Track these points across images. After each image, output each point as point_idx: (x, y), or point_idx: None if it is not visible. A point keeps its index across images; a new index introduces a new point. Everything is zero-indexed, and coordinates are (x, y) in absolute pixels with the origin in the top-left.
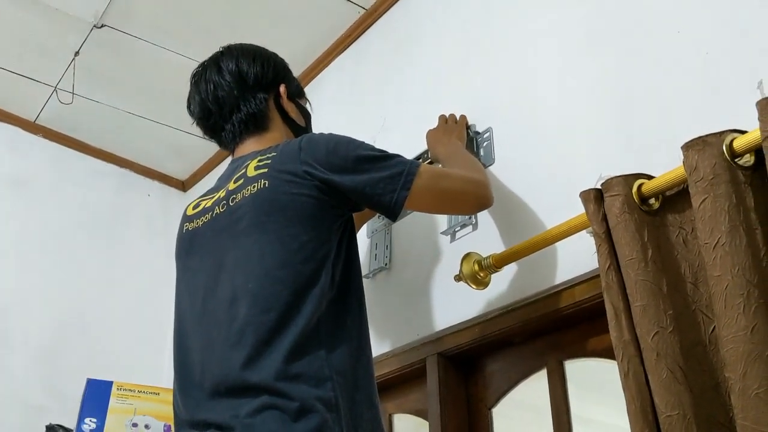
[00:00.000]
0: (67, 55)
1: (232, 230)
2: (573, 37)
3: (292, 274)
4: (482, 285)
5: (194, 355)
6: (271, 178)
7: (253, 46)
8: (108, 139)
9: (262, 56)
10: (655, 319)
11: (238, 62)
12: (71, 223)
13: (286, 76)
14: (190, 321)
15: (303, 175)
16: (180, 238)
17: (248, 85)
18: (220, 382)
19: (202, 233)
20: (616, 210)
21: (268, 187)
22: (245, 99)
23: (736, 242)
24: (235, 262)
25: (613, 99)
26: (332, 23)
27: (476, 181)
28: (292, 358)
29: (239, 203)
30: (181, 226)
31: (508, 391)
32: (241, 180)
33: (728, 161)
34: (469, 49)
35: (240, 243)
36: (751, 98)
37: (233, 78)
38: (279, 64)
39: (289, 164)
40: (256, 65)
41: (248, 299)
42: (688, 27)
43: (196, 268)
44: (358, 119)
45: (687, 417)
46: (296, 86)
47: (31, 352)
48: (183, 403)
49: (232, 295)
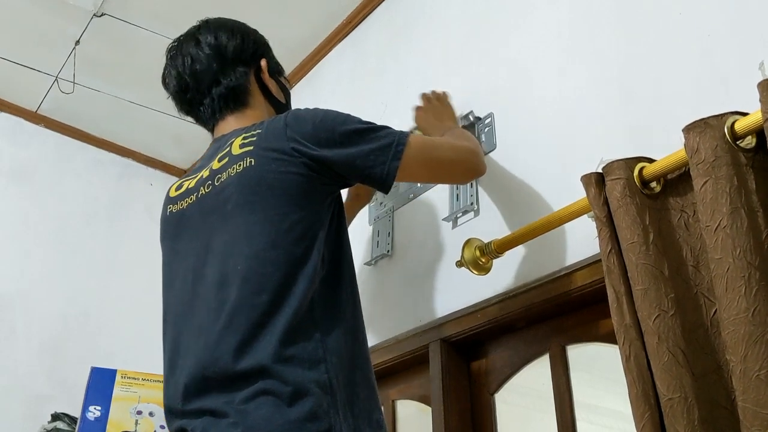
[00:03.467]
0: (68, 44)
1: (220, 211)
2: (573, 21)
3: (284, 255)
4: (484, 271)
5: (184, 341)
6: (258, 156)
7: (232, 20)
8: (110, 129)
9: (241, 30)
10: (657, 302)
11: (217, 35)
12: (73, 212)
13: (266, 52)
14: (179, 306)
15: (291, 152)
16: (164, 220)
17: (228, 58)
18: (213, 367)
19: (189, 215)
20: (618, 194)
21: (255, 165)
22: (224, 73)
23: (738, 225)
24: (223, 243)
25: (614, 82)
26: (331, 11)
27: (467, 149)
28: (288, 339)
29: (225, 183)
30: (165, 208)
31: (511, 376)
32: (226, 159)
33: (729, 143)
34: (469, 34)
35: (228, 224)
36: (752, 80)
37: (212, 51)
38: (259, 39)
39: (275, 142)
40: (236, 38)
41: (238, 282)
42: (689, 9)
43: (184, 251)
44: (358, 107)
45: (688, 400)
46: (276, 63)
47: (35, 342)
48: (174, 391)
49: (221, 278)
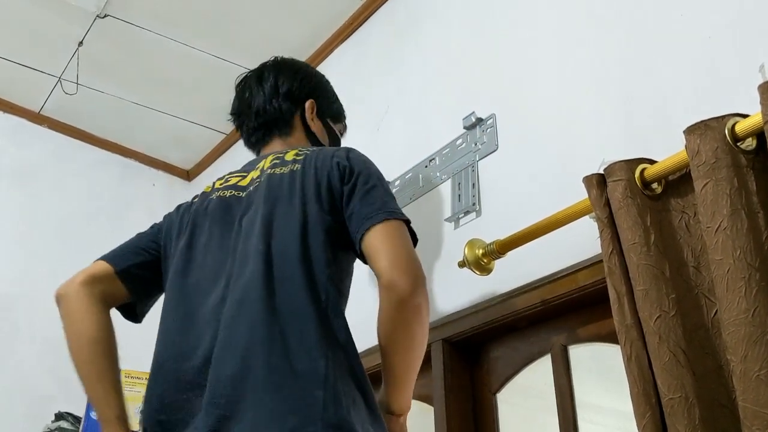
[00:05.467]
0: (71, 45)
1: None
2: (575, 23)
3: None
4: (486, 271)
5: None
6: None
7: (300, 63)
8: (112, 129)
9: (304, 73)
10: (658, 303)
11: (278, 75)
12: (76, 212)
13: (321, 95)
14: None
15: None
16: (209, 205)
17: (280, 93)
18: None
19: (246, 202)
20: (619, 195)
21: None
22: (272, 105)
23: (738, 226)
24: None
25: (616, 83)
26: (334, 12)
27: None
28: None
29: (283, 173)
30: (203, 198)
31: (513, 376)
32: (278, 161)
33: (730, 145)
34: (471, 35)
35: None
36: (752, 82)
37: (269, 86)
38: (318, 83)
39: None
40: (295, 81)
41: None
42: (690, 11)
43: (241, 233)
44: (361, 108)
45: (689, 399)
46: (335, 109)
47: (38, 341)
48: (185, 367)
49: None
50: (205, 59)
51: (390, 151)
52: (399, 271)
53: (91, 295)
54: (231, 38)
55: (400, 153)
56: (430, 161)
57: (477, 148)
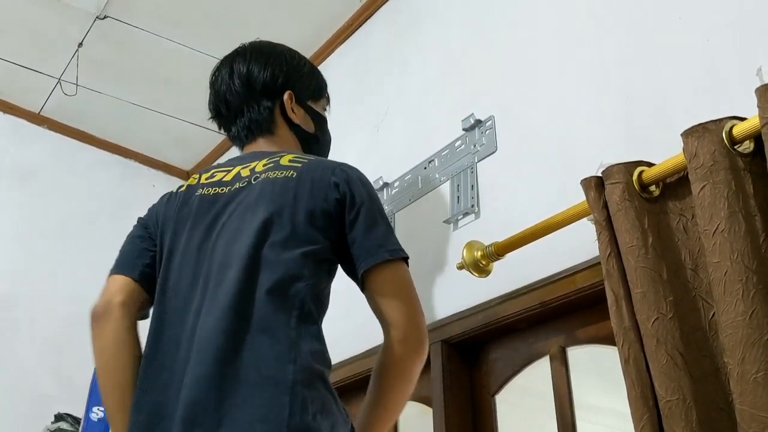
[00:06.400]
0: (71, 46)
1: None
2: (574, 25)
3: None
4: (484, 273)
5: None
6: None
7: (270, 47)
8: (112, 130)
9: (276, 59)
10: (655, 305)
11: (249, 66)
12: (76, 213)
13: (296, 81)
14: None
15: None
16: (192, 202)
17: (256, 90)
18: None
19: (227, 199)
20: (617, 197)
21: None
22: (249, 105)
23: (735, 229)
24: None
25: (614, 86)
26: (334, 12)
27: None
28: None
29: (276, 178)
30: (188, 193)
31: (511, 377)
32: (272, 164)
33: (728, 148)
34: (471, 36)
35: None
36: (750, 85)
37: (242, 82)
38: (293, 67)
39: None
40: (267, 71)
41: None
42: (688, 13)
43: (223, 234)
44: (361, 108)
45: (687, 402)
46: (313, 87)
47: (38, 342)
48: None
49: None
50: (205, 59)
51: (389, 152)
52: (414, 330)
53: (129, 316)
54: (231, 39)
55: (400, 154)
56: (430, 162)
57: (476, 150)
